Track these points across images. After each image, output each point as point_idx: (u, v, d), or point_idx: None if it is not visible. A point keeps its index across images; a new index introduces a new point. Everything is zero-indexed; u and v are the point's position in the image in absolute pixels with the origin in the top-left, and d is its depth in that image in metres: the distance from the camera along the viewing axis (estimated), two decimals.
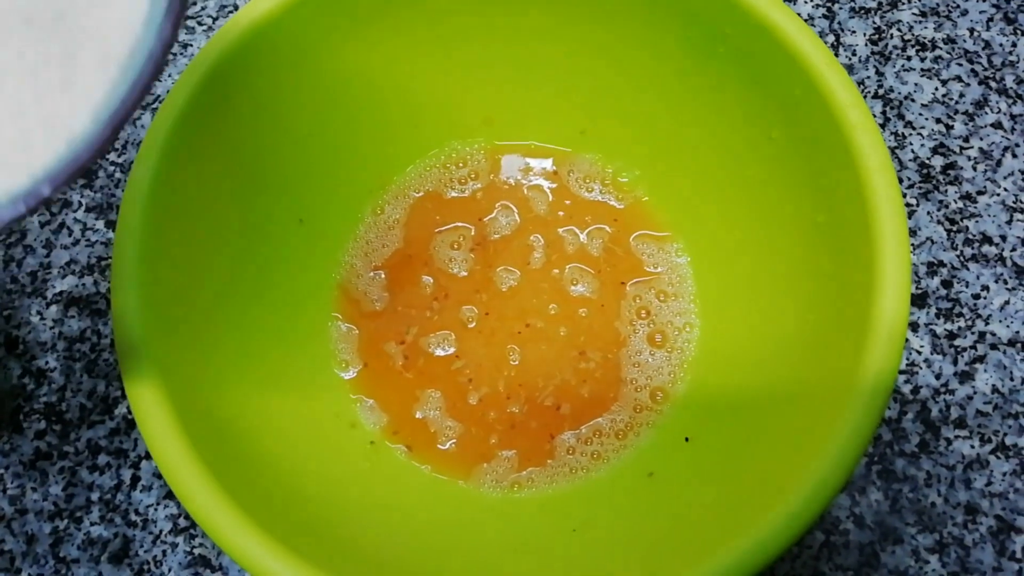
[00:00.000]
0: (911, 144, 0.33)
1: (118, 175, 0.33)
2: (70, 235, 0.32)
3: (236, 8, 0.36)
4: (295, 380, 0.26)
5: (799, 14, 0.33)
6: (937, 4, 0.35)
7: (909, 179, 0.32)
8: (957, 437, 0.28)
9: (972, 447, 0.28)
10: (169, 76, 0.35)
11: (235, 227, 0.25)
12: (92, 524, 0.28)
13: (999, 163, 0.32)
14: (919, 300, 0.30)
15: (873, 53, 0.34)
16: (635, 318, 0.28)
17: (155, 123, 0.23)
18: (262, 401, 0.25)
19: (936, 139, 0.33)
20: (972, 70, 0.34)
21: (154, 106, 0.34)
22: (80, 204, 0.32)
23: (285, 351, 0.26)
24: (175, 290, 0.23)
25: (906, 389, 0.29)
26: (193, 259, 0.24)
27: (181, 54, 0.35)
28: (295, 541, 0.20)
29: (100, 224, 0.32)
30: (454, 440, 0.27)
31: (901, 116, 0.33)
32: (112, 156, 0.33)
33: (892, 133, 0.33)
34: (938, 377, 0.29)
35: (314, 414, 0.26)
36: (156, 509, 0.28)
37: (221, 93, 0.24)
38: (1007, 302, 0.30)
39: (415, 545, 0.23)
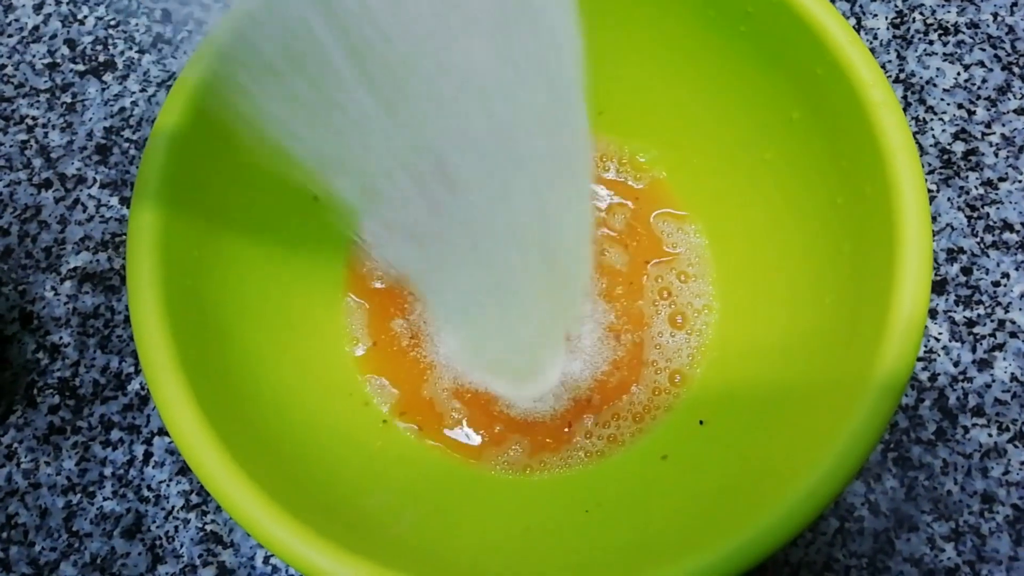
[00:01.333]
0: (932, 129, 0.32)
1: (132, 152, 0.33)
2: (84, 211, 0.32)
3: None
4: (308, 356, 0.26)
5: None
6: None
7: (930, 165, 0.32)
8: (975, 425, 0.28)
9: (989, 435, 0.28)
10: (184, 53, 0.35)
11: (250, 203, 0.25)
12: (105, 499, 0.28)
13: (1021, 149, 0.32)
14: (938, 287, 0.30)
15: (895, 37, 0.34)
16: (657, 299, 0.28)
17: (170, 99, 0.23)
18: (276, 377, 0.24)
19: (958, 124, 0.32)
20: (995, 55, 0.33)
21: (169, 83, 0.34)
22: (95, 181, 0.32)
23: (298, 326, 0.26)
24: (190, 265, 0.23)
25: (924, 376, 0.29)
26: (208, 234, 0.24)
27: (196, 31, 0.35)
28: (307, 515, 0.20)
29: (114, 200, 0.32)
30: (463, 421, 0.27)
31: (922, 101, 0.33)
32: (127, 133, 0.33)
33: (913, 118, 0.32)
34: (956, 364, 0.29)
35: (327, 392, 0.26)
36: (168, 485, 0.28)
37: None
38: None
39: (426, 523, 0.23)
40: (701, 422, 0.26)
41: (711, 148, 0.28)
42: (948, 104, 0.32)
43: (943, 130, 0.32)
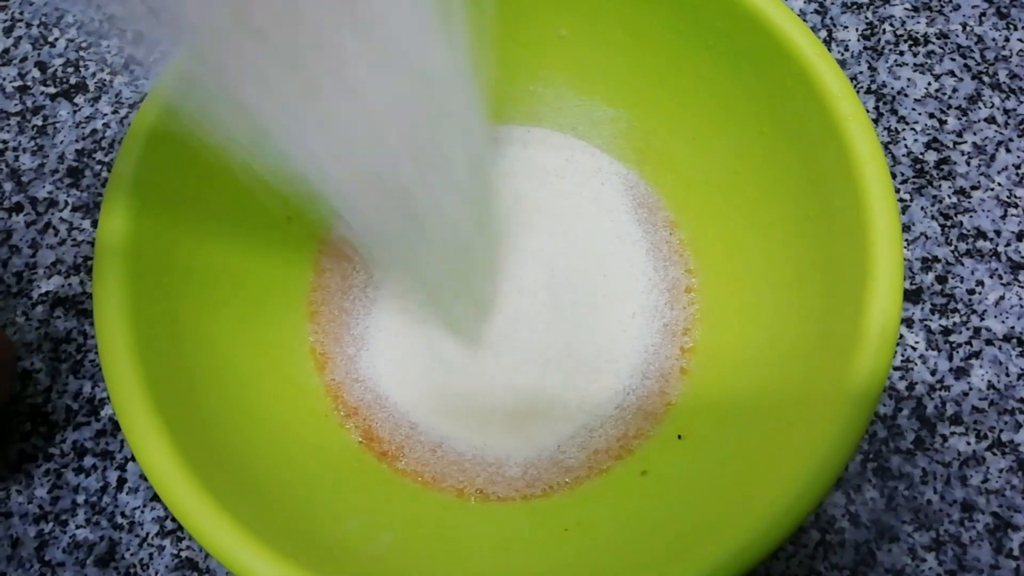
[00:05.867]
0: (904, 139, 0.32)
1: (105, 174, 0.33)
2: (56, 235, 0.32)
3: None
4: (281, 379, 0.26)
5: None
6: None
7: (903, 174, 0.32)
8: (953, 434, 0.28)
9: (968, 444, 0.28)
10: (157, 74, 0.34)
11: (222, 221, 0.25)
12: (78, 527, 0.27)
13: (993, 158, 0.32)
14: (914, 296, 0.30)
15: (866, 48, 0.34)
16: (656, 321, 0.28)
17: (138, 118, 0.23)
18: (248, 402, 0.24)
19: (929, 134, 0.32)
20: (965, 65, 0.34)
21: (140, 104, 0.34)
22: (66, 204, 0.32)
23: (271, 349, 0.26)
24: (159, 290, 0.23)
25: (901, 385, 0.29)
26: (178, 258, 0.24)
27: (169, 53, 0.35)
28: (281, 541, 0.19)
29: (86, 224, 0.32)
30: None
31: (894, 111, 0.33)
32: (99, 155, 0.33)
33: (885, 128, 0.33)
34: (933, 373, 0.29)
35: (301, 414, 0.26)
36: (142, 511, 0.27)
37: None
38: (1002, 297, 0.30)
39: (404, 544, 0.23)
40: (680, 436, 0.26)
41: (684, 161, 0.28)
42: (920, 114, 0.33)
43: (915, 140, 0.32)
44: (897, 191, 0.31)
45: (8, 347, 0.27)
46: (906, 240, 0.31)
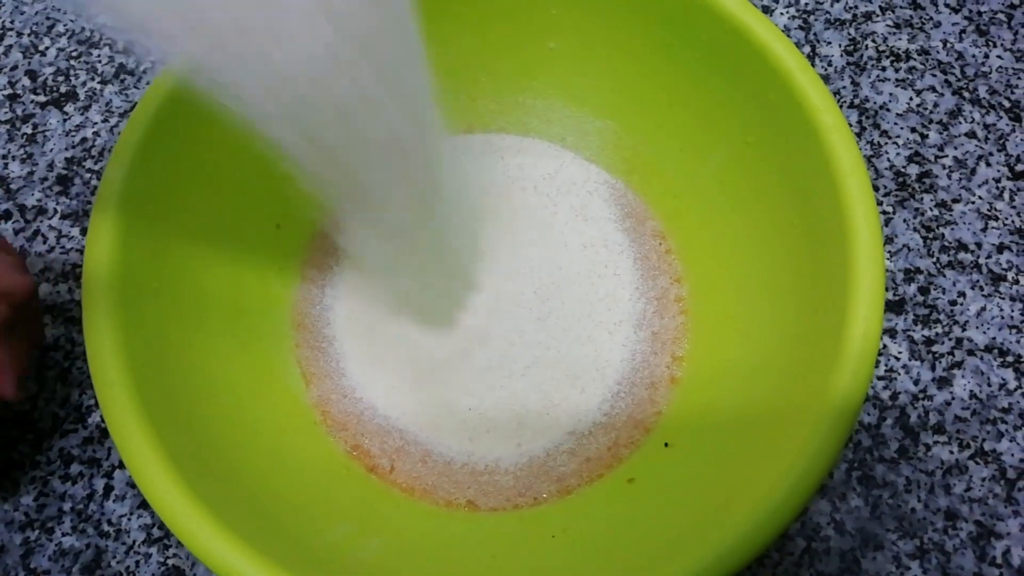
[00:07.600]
0: (887, 153, 0.33)
1: (94, 182, 0.33)
2: (45, 242, 0.32)
3: None
4: (268, 386, 0.26)
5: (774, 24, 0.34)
6: (911, 16, 0.36)
7: (885, 187, 0.32)
8: (936, 443, 0.28)
9: (951, 453, 0.28)
10: (147, 83, 0.34)
11: (212, 229, 0.25)
12: (64, 535, 0.27)
13: (973, 171, 0.32)
14: (896, 307, 0.30)
15: (848, 64, 0.35)
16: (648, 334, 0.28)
17: (128, 127, 0.23)
18: (237, 410, 0.24)
19: (911, 148, 0.33)
20: (946, 80, 0.34)
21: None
22: (55, 211, 0.32)
23: (258, 357, 0.26)
24: (149, 293, 0.23)
25: (885, 395, 0.29)
26: (168, 261, 0.24)
27: (159, 62, 0.35)
28: (270, 547, 0.19)
29: (75, 231, 0.32)
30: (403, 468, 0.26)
31: (877, 125, 0.33)
32: (88, 163, 0.33)
33: (868, 142, 0.33)
34: (916, 383, 0.29)
35: (290, 424, 0.26)
36: (129, 519, 0.27)
37: (196, 99, 0.24)
38: (983, 308, 0.30)
39: (392, 551, 0.23)
40: (666, 444, 0.26)
41: (670, 172, 0.28)
42: (902, 128, 0.33)
43: (897, 153, 0.33)
44: (880, 203, 0.32)
45: (30, 289, 0.25)
46: (889, 252, 0.31)
